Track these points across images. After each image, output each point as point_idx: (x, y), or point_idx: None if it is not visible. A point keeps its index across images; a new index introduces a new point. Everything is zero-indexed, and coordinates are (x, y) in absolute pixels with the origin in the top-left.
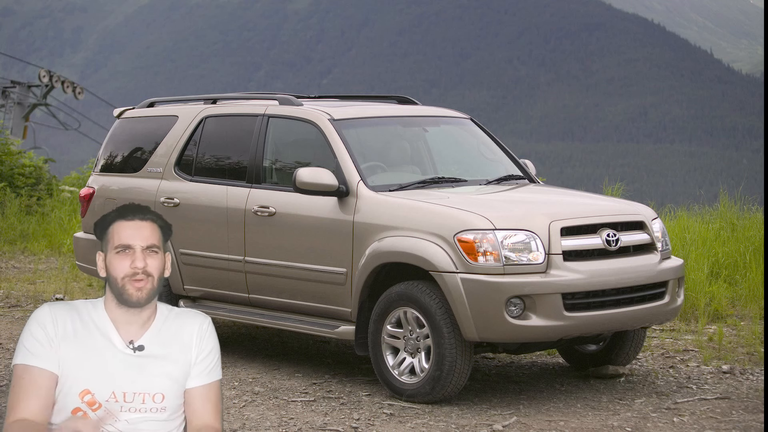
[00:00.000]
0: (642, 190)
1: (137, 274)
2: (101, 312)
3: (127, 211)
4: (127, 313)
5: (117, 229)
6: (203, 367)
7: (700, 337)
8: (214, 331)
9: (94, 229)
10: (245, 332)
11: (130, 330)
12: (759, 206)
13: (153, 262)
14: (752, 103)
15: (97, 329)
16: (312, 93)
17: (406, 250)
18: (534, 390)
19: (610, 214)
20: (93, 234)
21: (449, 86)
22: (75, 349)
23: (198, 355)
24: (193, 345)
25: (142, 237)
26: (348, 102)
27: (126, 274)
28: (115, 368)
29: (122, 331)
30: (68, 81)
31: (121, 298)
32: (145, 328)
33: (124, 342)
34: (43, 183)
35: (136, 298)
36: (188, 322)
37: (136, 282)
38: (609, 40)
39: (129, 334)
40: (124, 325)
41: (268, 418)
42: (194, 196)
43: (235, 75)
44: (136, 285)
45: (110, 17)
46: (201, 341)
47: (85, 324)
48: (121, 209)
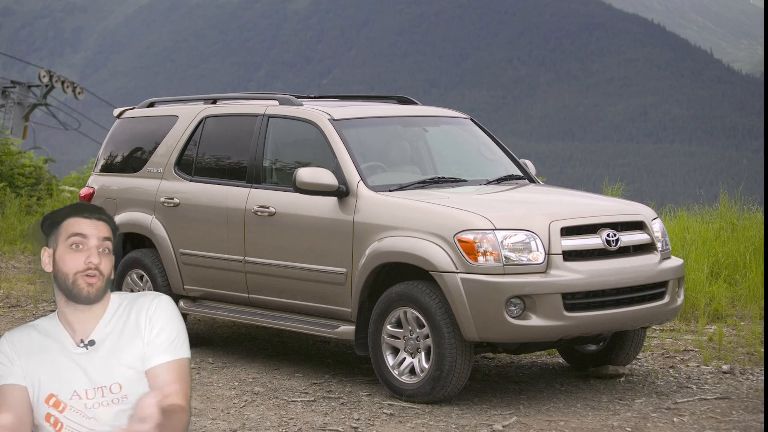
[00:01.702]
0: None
1: (90, 269)
2: (55, 322)
3: (83, 209)
4: (77, 311)
5: (72, 223)
6: (158, 345)
7: (700, 337)
8: (168, 307)
9: (42, 223)
10: (245, 332)
11: (84, 327)
12: (759, 206)
13: (105, 261)
14: (752, 103)
15: (50, 337)
16: (312, 93)
17: (406, 250)
18: (534, 390)
19: (610, 214)
20: (40, 228)
21: (449, 86)
22: (35, 362)
23: (149, 333)
24: (143, 325)
25: (99, 231)
26: (348, 102)
27: (78, 270)
28: (69, 369)
29: (77, 329)
30: (68, 81)
31: (71, 294)
32: (96, 322)
33: (75, 342)
34: (43, 183)
35: (87, 293)
36: (139, 305)
37: (88, 278)
38: (609, 40)
39: (83, 332)
40: (77, 324)
41: (268, 418)
42: (194, 196)
43: (235, 75)
44: (88, 281)
45: (110, 17)
46: (150, 320)
47: (42, 336)
48: (77, 206)
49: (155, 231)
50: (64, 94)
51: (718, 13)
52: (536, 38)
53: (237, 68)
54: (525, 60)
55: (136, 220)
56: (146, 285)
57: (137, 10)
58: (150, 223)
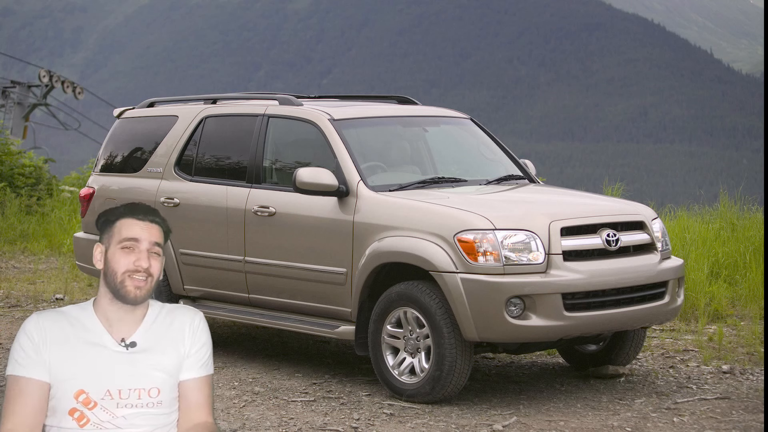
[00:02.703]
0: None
1: (139, 272)
2: (90, 313)
3: (138, 210)
4: (120, 311)
5: (126, 224)
6: (196, 360)
7: (700, 337)
8: (206, 326)
9: (96, 220)
10: (245, 332)
11: (122, 328)
12: (759, 206)
13: (155, 264)
14: (752, 103)
15: (86, 330)
16: (312, 93)
17: (406, 250)
18: (534, 390)
19: (610, 214)
20: (95, 225)
21: (449, 86)
22: (65, 353)
23: (191, 347)
24: (185, 338)
25: (150, 234)
26: (348, 102)
27: (128, 269)
28: (107, 367)
29: (114, 328)
30: (68, 81)
31: (118, 293)
32: (136, 325)
33: (116, 340)
34: (43, 183)
35: (134, 295)
36: (180, 317)
37: (136, 280)
38: (609, 40)
39: (121, 332)
40: (116, 323)
41: (268, 418)
42: (194, 196)
43: (235, 75)
44: (136, 283)
45: (110, 17)
46: (193, 334)
47: (74, 327)
48: (132, 206)
49: None
50: (64, 94)
51: (718, 13)
52: (536, 38)
53: (237, 68)
54: (525, 60)
55: None
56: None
57: (137, 10)
58: None
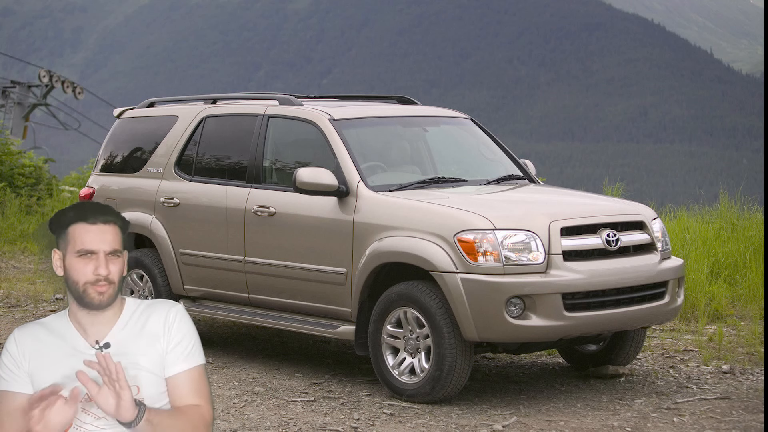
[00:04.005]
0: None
1: (100, 281)
2: (65, 321)
3: (88, 213)
4: (90, 315)
5: (78, 231)
6: (178, 354)
7: (700, 337)
8: (184, 317)
9: (49, 225)
10: (245, 332)
11: (96, 330)
12: (759, 206)
13: (115, 268)
14: (752, 103)
15: (62, 338)
16: (312, 93)
17: (406, 250)
18: (534, 390)
19: (610, 214)
20: (48, 228)
21: (449, 86)
22: (43, 362)
23: (168, 343)
24: (161, 334)
25: (105, 242)
26: (348, 102)
27: (88, 280)
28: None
29: (88, 332)
30: (68, 81)
31: (82, 301)
32: (110, 326)
33: (89, 344)
34: (43, 183)
35: (98, 301)
36: (155, 313)
37: (98, 287)
38: (609, 40)
39: (95, 335)
40: (89, 327)
41: (268, 418)
42: (194, 196)
43: (235, 75)
44: (99, 289)
45: (110, 17)
46: (169, 330)
47: (52, 336)
48: (81, 209)
49: (155, 231)
50: (64, 94)
51: (718, 13)
52: (536, 38)
53: (237, 68)
54: (525, 60)
55: (136, 220)
56: (146, 285)
57: (137, 10)
58: (150, 223)
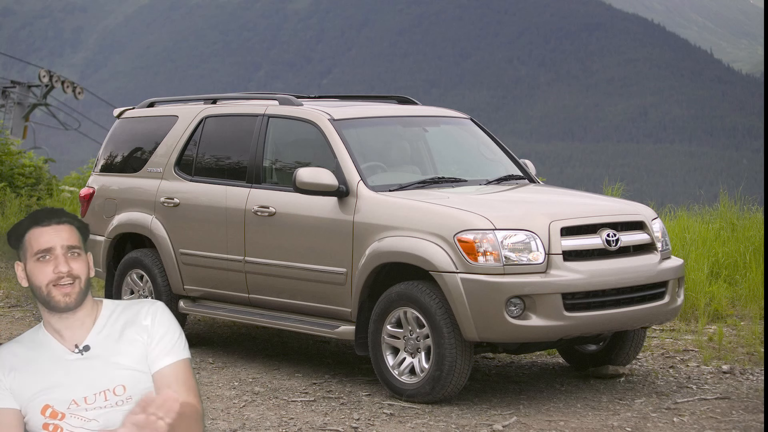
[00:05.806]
0: (642, 190)
1: (62, 278)
2: (42, 331)
3: (41, 217)
4: (63, 319)
5: (34, 235)
6: (161, 349)
7: (700, 337)
8: (165, 313)
9: (7, 238)
10: (245, 332)
11: (73, 334)
12: (759, 206)
13: (77, 265)
14: (752, 103)
15: (40, 348)
16: (312, 93)
17: (406, 250)
18: (534, 390)
19: (610, 214)
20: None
21: (449, 86)
22: (25, 375)
23: (150, 340)
24: (141, 332)
25: (61, 239)
26: (348, 102)
27: (50, 280)
28: (66, 376)
29: (65, 337)
30: (68, 81)
31: (49, 305)
32: (87, 328)
33: (68, 348)
34: (43, 183)
35: (64, 303)
36: (135, 311)
37: (62, 287)
38: (609, 40)
39: (73, 339)
40: (65, 331)
41: (268, 418)
42: (194, 196)
43: (235, 75)
44: (63, 290)
45: (110, 17)
46: (150, 327)
47: (29, 349)
48: (34, 215)
49: (155, 231)
50: (64, 94)
51: (718, 13)
52: (536, 38)
53: (237, 68)
54: (525, 60)
55: (136, 220)
56: (146, 285)
57: (137, 10)
58: (150, 223)
